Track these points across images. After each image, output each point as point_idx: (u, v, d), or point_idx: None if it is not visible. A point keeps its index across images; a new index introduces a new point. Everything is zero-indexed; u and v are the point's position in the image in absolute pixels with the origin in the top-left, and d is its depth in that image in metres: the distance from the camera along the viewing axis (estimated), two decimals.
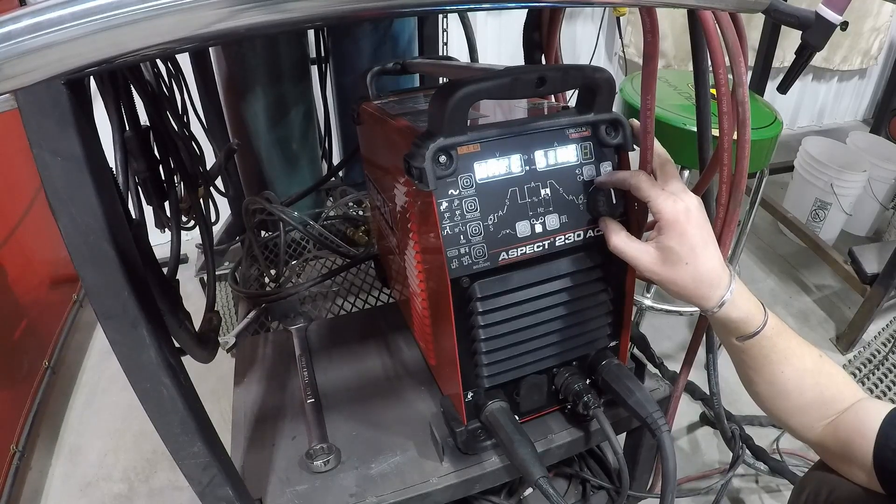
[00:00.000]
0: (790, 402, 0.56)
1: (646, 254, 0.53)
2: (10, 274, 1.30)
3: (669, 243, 0.51)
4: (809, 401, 0.55)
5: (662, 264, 0.52)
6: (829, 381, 0.56)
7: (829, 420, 0.55)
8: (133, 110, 0.70)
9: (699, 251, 0.51)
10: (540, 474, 0.54)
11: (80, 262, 0.40)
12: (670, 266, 0.52)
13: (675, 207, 0.51)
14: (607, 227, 0.55)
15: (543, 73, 0.50)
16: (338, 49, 1.34)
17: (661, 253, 0.52)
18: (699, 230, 0.52)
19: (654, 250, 0.52)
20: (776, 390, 0.56)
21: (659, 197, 0.51)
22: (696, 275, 0.52)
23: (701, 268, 0.52)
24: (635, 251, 0.53)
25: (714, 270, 0.52)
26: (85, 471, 1.26)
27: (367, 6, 0.30)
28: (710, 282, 0.52)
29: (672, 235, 0.51)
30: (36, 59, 0.24)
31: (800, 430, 0.58)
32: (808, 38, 0.89)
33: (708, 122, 0.76)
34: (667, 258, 0.52)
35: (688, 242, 0.51)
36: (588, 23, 2.27)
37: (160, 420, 0.47)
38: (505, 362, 0.59)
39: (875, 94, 2.97)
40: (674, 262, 0.52)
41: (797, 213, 1.91)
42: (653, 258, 0.53)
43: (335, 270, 1.04)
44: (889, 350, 1.51)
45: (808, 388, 0.55)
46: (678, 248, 0.51)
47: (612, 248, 0.54)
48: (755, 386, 0.58)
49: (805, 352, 0.56)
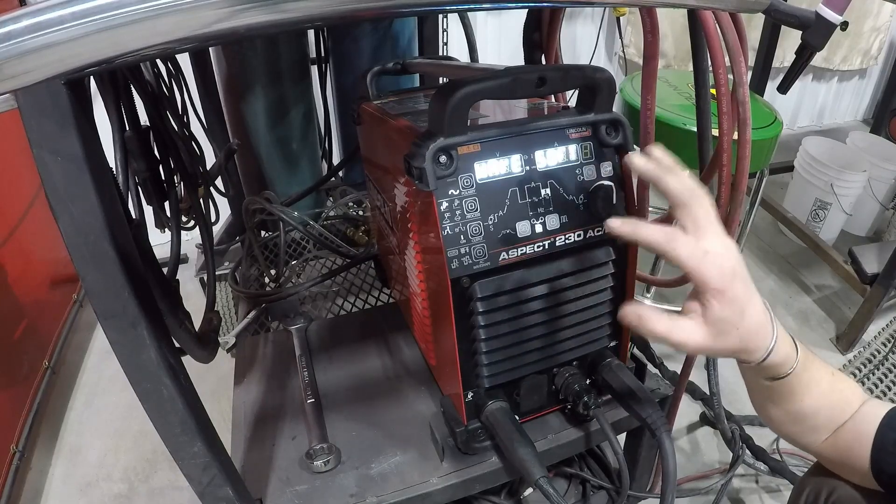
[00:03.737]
0: (805, 425, 0.55)
1: (695, 334, 0.45)
2: (10, 274, 1.30)
3: (720, 315, 0.44)
4: (822, 421, 0.54)
5: (714, 339, 0.45)
6: (840, 397, 0.54)
7: (833, 431, 0.54)
8: (133, 110, 0.70)
9: (747, 310, 0.45)
10: (540, 474, 0.54)
11: (80, 262, 0.40)
12: (722, 337, 0.45)
13: (723, 272, 0.44)
14: (643, 317, 0.45)
15: (543, 73, 0.50)
16: (338, 49, 1.34)
17: (711, 328, 0.45)
18: (745, 286, 0.45)
19: (704, 326, 0.45)
20: (793, 416, 0.54)
21: (703, 263, 0.44)
22: (746, 335, 0.46)
23: (751, 326, 0.46)
24: (684, 335, 0.45)
25: (761, 324, 0.47)
26: (85, 471, 1.26)
27: (367, 6, 0.30)
28: (757, 336, 0.47)
29: (722, 305, 0.44)
30: (36, 59, 0.24)
31: (805, 445, 0.57)
32: (808, 38, 0.89)
33: (708, 122, 0.76)
34: (718, 331, 0.45)
35: (738, 306, 0.45)
36: (588, 23, 2.27)
37: (160, 420, 0.47)
38: (505, 362, 0.59)
39: (875, 94, 2.97)
40: (725, 332, 0.45)
41: (797, 213, 1.91)
42: (703, 336, 0.45)
43: (335, 270, 1.04)
44: (889, 350, 1.51)
45: (822, 409, 0.54)
46: (729, 316, 0.44)
47: (655, 337, 0.46)
48: (771, 412, 0.56)
49: (822, 374, 0.53)
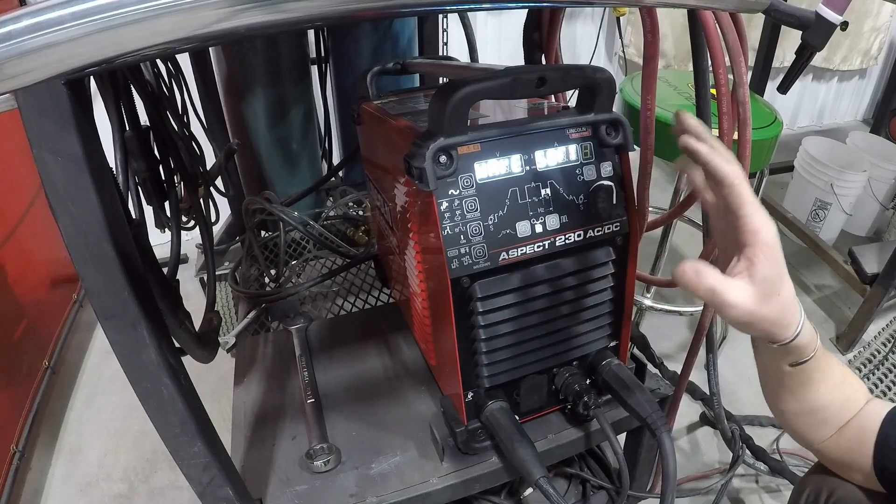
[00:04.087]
0: (816, 417, 0.55)
1: (745, 292, 0.44)
2: (10, 274, 1.30)
3: (767, 273, 0.43)
4: (832, 414, 0.54)
5: (759, 301, 0.44)
6: (850, 391, 0.54)
7: (838, 429, 0.54)
8: (133, 110, 0.70)
9: (784, 280, 0.45)
10: (540, 474, 0.54)
11: (80, 262, 0.40)
12: (765, 301, 0.44)
13: (773, 228, 0.44)
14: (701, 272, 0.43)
15: (543, 73, 0.50)
16: (338, 49, 1.34)
17: (757, 287, 0.44)
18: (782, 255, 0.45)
19: (750, 286, 0.44)
20: (807, 407, 0.54)
21: (758, 212, 0.43)
22: (784, 304, 0.45)
23: (788, 297, 0.45)
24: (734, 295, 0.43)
25: (793, 296, 0.46)
26: (85, 471, 1.26)
27: (367, 6, 0.30)
28: (792, 310, 0.46)
29: (770, 263, 0.43)
30: (36, 59, 0.24)
31: (810, 440, 0.57)
32: (808, 38, 0.89)
33: (708, 122, 0.76)
34: (763, 291, 0.44)
35: (780, 269, 0.44)
36: (588, 23, 2.27)
37: (160, 420, 0.47)
38: (505, 362, 0.59)
39: (875, 94, 2.97)
40: (769, 295, 0.44)
41: (797, 213, 1.91)
42: (751, 296, 0.44)
43: (335, 270, 1.04)
44: (889, 350, 1.51)
45: (834, 402, 0.54)
46: (774, 276, 0.44)
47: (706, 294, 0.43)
48: (785, 404, 0.55)
49: (835, 365, 0.53)
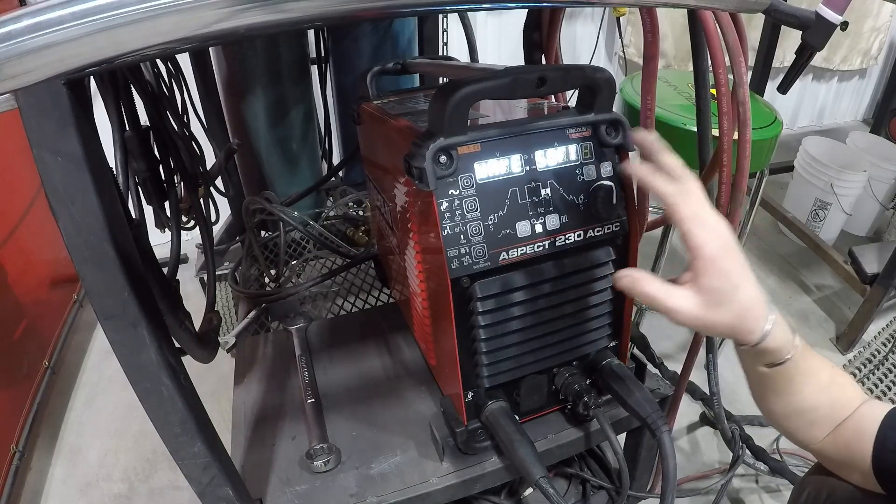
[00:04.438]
0: (804, 419, 0.55)
1: (686, 300, 0.46)
2: (10, 274, 1.30)
3: (713, 284, 0.45)
4: (822, 415, 0.54)
5: (706, 309, 0.46)
6: (840, 391, 0.54)
7: (833, 428, 0.54)
8: (133, 110, 0.70)
9: (741, 286, 0.46)
10: (540, 474, 0.54)
11: (80, 262, 0.40)
12: (714, 308, 0.46)
13: (717, 241, 0.45)
14: (636, 279, 0.49)
15: (543, 73, 0.50)
16: (338, 49, 1.34)
17: (703, 297, 0.46)
18: (738, 261, 0.46)
19: (695, 295, 0.46)
20: (793, 408, 0.54)
21: (696, 228, 0.45)
22: (741, 311, 0.47)
23: (745, 302, 0.46)
24: (675, 301, 0.46)
25: (756, 301, 0.47)
26: (85, 471, 1.26)
27: (367, 6, 0.30)
28: (753, 315, 0.47)
29: (715, 275, 0.45)
30: (36, 59, 0.24)
31: (805, 441, 0.57)
32: (808, 38, 0.89)
33: (708, 122, 0.76)
34: (710, 300, 0.46)
35: (731, 280, 0.46)
36: (588, 23, 2.27)
37: (160, 420, 0.47)
38: (505, 362, 0.59)
39: (875, 94, 2.97)
40: (717, 304, 0.46)
41: (797, 213, 1.91)
42: (695, 304, 0.46)
43: (335, 270, 1.04)
44: (889, 350, 1.51)
45: (822, 403, 0.54)
46: (721, 286, 0.45)
47: (648, 300, 0.48)
48: (771, 405, 0.56)
49: (822, 366, 0.53)
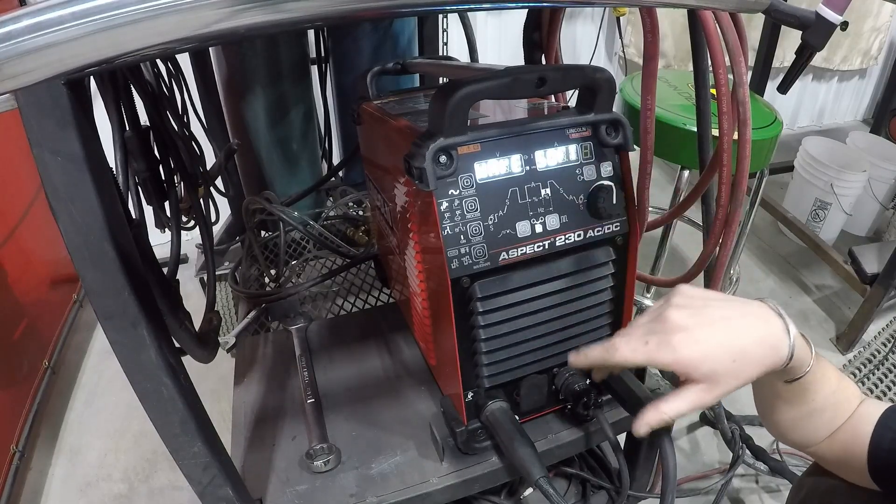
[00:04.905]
0: (810, 423, 0.54)
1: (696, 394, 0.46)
2: (10, 274, 1.30)
3: (703, 372, 0.45)
4: (827, 418, 0.54)
5: (718, 385, 0.45)
6: (843, 396, 0.54)
7: (832, 432, 0.54)
8: (133, 110, 0.70)
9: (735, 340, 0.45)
10: (540, 474, 0.54)
11: (80, 262, 0.40)
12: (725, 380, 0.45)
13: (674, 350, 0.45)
14: (653, 415, 0.48)
15: (543, 73, 0.50)
16: (338, 49, 1.34)
17: (706, 382, 0.45)
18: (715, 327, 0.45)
19: (699, 385, 0.46)
20: (805, 412, 0.54)
21: (651, 356, 0.46)
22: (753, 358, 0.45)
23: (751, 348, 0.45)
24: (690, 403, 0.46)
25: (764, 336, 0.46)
26: (85, 471, 1.26)
27: (367, 6, 0.30)
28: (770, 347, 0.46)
29: (699, 368, 0.45)
30: (36, 59, 0.24)
31: (804, 444, 0.57)
32: (808, 38, 0.89)
33: (708, 122, 0.76)
34: (716, 380, 0.45)
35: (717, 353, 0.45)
36: (588, 23, 2.27)
37: (160, 420, 0.47)
38: (505, 362, 0.58)
39: (875, 94, 2.97)
40: (724, 374, 0.45)
41: (797, 213, 1.91)
42: (705, 392, 0.45)
43: (335, 270, 1.04)
44: (889, 350, 1.51)
45: (828, 407, 0.53)
46: (711, 368, 0.45)
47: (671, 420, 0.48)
48: (780, 416, 0.55)
49: (830, 370, 0.53)
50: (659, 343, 0.45)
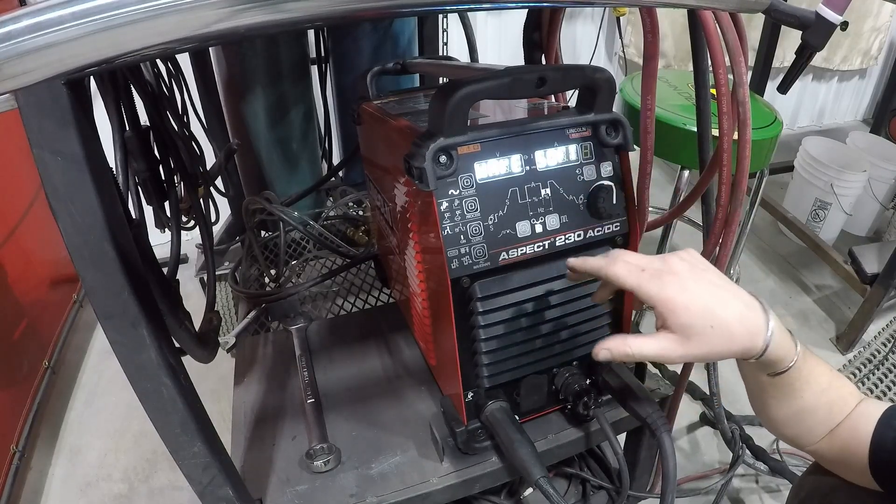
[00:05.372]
0: (804, 422, 0.54)
1: (665, 342, 0.47)
2: (10, 274, 1.30)
3: (680, 321, 0.45)
4: (821, 417, 0.54)
5: (689, 344, 0.46)
6: (838, 394, 0.54)
7: (831, 429, 0.54)
8: (133, 110, 0.70)
9: (717, 307, 0.46)
10: (540, 474, 0.54)
11: (80, 262, 0.40)
12: (697, 340, 0.46)
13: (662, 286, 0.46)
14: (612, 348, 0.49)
15: (543, 73, 0.50)
16: (338, 49, 1.34)
17: (679, 334, 0.46)
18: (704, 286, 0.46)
19: (672, 334, 0.46)
20: (794, 413, 0.54)
21: (641, 282, 0.46)
22: (728, 332, 0.46)
23: (730, 325, 0.46)
24: (656, 349, 0.47)
25: (745, 317, 0.47)
26: (85, 471, 1.26)
27: (367, 6, 0.30)
28: (746, 330, 0.47)
29: (678, 313, 0.45)
30: (36, 59, 0.24)
31: (802, 443, 0.57)
32: (808, 38, 0.89)
33: (708, 122, 0.76)
34: (689, 336, 0.46)
35: (698, 308, 0.45)
36: (588, 23, 2.27)
37: (160, 420, 0.47)
38: (505, 362, 0.59)
39: (875, 94, 2.97)
40: (698, 336, 0.46)
41: (797, 213, 1.91)
42: (676, 343, 0.46)
43: (335, 270, 1.04)
44: (889, 350, 1.51)
45: (821, 406, 0.53)
46: (691, 321, 0.45)
47: (632, 356, 0.48)
48: (772, 412, 0.55)
49: (822, 369, 0.53)
50: (651, 275, 0.47)
